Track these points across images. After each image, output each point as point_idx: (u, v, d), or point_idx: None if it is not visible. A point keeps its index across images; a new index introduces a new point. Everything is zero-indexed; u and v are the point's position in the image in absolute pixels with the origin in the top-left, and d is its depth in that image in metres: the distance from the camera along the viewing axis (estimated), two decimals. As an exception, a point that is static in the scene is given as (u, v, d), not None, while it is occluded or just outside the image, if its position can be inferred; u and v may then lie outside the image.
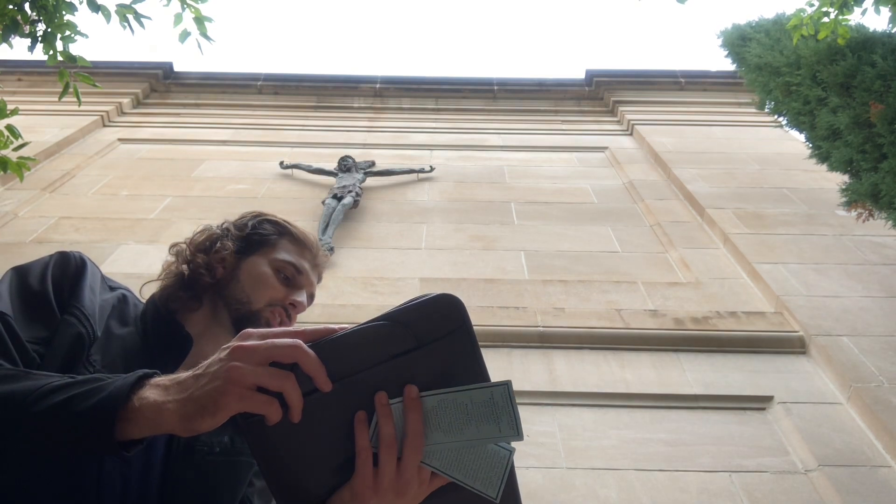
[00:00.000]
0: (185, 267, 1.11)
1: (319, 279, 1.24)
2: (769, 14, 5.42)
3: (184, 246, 1.15)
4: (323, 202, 4.58)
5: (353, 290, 3.66)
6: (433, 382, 0.75)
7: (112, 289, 1.06)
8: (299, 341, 0.70)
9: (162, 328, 1.02)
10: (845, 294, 3.47)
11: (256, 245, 1.15)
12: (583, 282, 3.77)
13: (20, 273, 0.96)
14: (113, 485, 0.87)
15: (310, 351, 0.70)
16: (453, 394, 0.74)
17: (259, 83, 7.08)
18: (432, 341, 0.74)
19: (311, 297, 1.18)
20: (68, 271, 0.98)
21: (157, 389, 0.71)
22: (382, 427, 0.74)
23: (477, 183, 5.24)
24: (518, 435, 0.74)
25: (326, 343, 0.72)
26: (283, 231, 1.19)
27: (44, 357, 0.87)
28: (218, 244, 1.14)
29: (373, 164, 5.38)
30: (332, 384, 0.70)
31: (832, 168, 4.01)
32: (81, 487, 0.84)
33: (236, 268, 1.12)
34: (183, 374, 0.72)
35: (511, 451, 0.75)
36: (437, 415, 0.75)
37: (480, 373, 0.77)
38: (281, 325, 1.09)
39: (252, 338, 0.71)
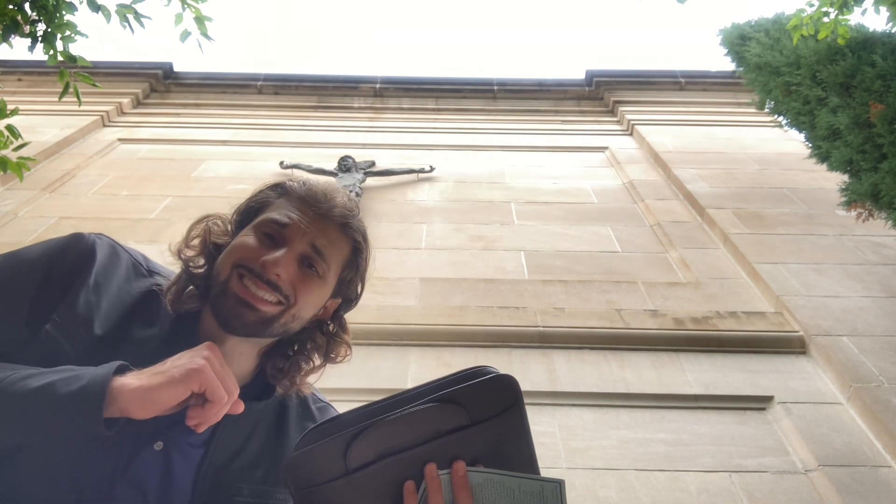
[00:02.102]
0: (179, 261, 0.98)
1: (347, 235, 0.97)
2: (769, 14, 5.41)
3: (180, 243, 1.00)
4: (323, 202, 4.57)
5: (353, 290, 3.65)
6: (482, 455, 0.77)
7: (151, 273, 0.95)
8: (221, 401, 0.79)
9: (181, 333, 0.91)
10: (845, 294, 3.47)
11: (252, 215, 0.97)
12: (583, 282, 3.77)
13: (8, 260, 0.87)
14: None
15: (222, 408, 0.79)
16: (501, 476, 0.76)
17: (259, 83, 7.08)
18: (485, 419, 0.76)
19: (314, 250, 0.92)
20: (67, 265, 0.86)
21: (125, 378, 0.76)
22: (432, 499, 0.74)
23: (477, 183, 5.24)
24: None
25: (385, 423, 0.74)
26: (282, 190, 0.98)
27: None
28: (213, 226, 0.98)
29: (373, 164, 5.38)
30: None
31: (832, 168, 4.01)
32: None
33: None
34: (145, 370, 0.78)
35: None
36: (483, 491, 0.76)
37: (528, 448, 0.79)
38: (254, 296, 0.88)
39: (215, 351, 0.81)
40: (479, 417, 0.75)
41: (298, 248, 0.91)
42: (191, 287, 0.94)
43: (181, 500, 0.86)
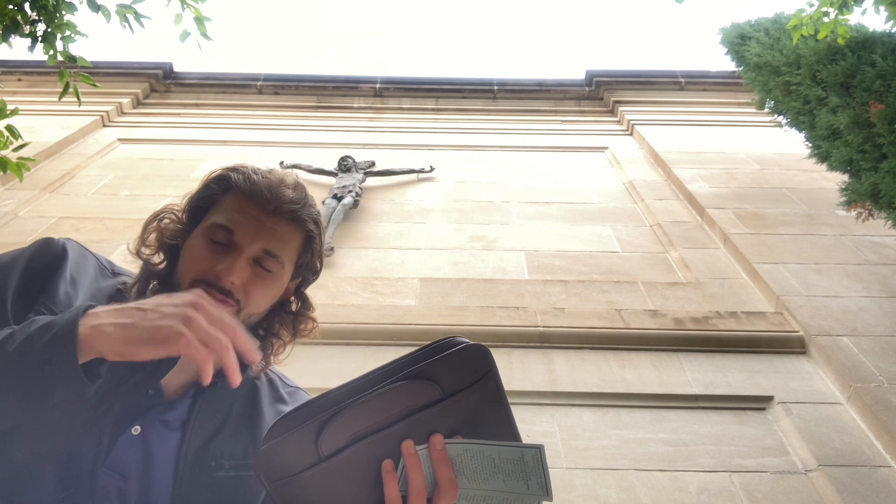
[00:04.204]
0: (139, 259, 0.99)
1: (297, 226, 0.96)
2: (769, 13, 5.41)
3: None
4: (323, 202, 4.58)
5: (353, 290, 3.66)
6: (460, 427, 0.76)
7: (115, 274, 0.98)
8: (236, 325, 0.74)
9: None
10: (845, 294, 3.47)
11: (201, 213, 0.99)
12: (583, 282, 3.77)
13: None
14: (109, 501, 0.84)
15: (244, 335, 0.74)
16: (480, 446, 0.75)
17: (259, 83, 7.08)
18: (458, 391, 0.75)
19: (267, 253, 0.93)
20: (44, 261, 0.90)
21: (94, 317, 0.71)
22: (412, 476, 0.74)
23: (477, 183, 5.25)
24: (547, 495, 0.74)
25: (353, 405, 0.73)
26: (227, 185, 0.97)
27: None
28: (167, 223, 1.00)
29: (373, 164, 5.38)
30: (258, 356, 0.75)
31: (832, 168, 4.01)
32: None
33: (184, 246, 0.96)
34: (122, 305, 0.73)
35: (544, 499, 0.75)
36: (462, 462, 0.75)
37: (506, 415, 0.78)
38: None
39: (206, 300, 0.74)
40: (451, 390, 0.74)
41: (249, 252, 0.92)
42: (153, 283, 0.97)
43: (163, 481, 0.88)
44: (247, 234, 0.92)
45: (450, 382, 0.74)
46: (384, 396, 0.73)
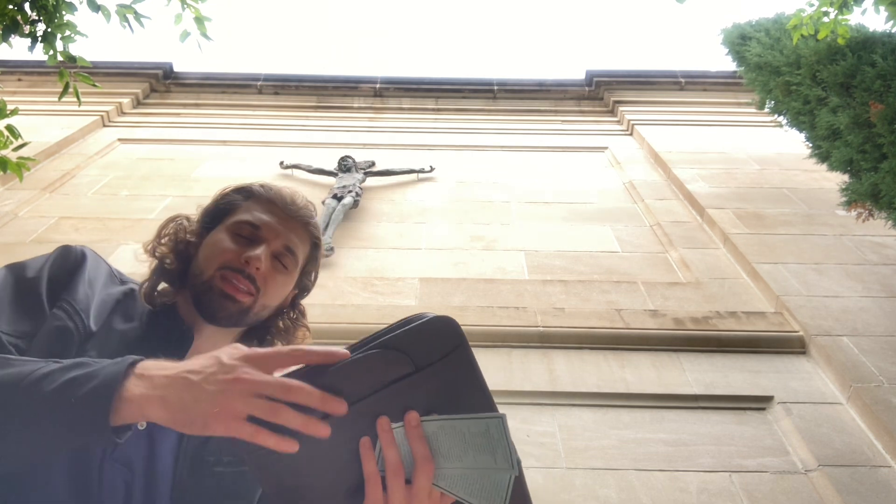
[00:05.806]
0: (153, 258, 1.07)
1: (309, 233, 1.10)
2: (769, 14, 5.42)
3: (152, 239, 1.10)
4: (323, 202, 4.58)
5: (353, 290, 3.66)
6: (435, 403, 0.75)
7: (123, 282, 1.05)
8: (298, 384, 0.68)
9: (162, 323, 1.00)
10: (845, 294, 3.47)
11: (221, 216, 1.08)
12: (583, 282, 3.77)
13: (14, 269, 0.96)
14: (115, 497, 0.85)
15: (308, 388, 0.67)
16: (451, 421, 0.74)
17: (259, 83, 7.09)
18: (430, 364, 0.74)
19: (287, 249, 1.05)
20: (66, 265, 0.97)
21: (145, 380, 0.70)
22: (387, 453, 0.73)
23: (477, 183, 5.25)
24: (512, 469, 0.73)
25: (326, 374, 0.72)
26: (248, 194, 1.10)
27: (24, 352, 0.85)
28: (182, 225, 1.09)
29: (373, 164, 5.38)
30: (345, 405, 0.69)
31: (832, 168, 4.01)
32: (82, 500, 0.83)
33: (200, 246, 1.06)
34: (172, 369, 0.70)
35: (511, 474, 0.74)
36: (438, 440, 0.75)
37: (481, 390, 0.77)
38: (237, 288, 0.99)
39: (251, 363, 0.69)
40: (423, 363, 0.74)
41: (273, 246, 1.04)
42: (162, 283, 1.05)
43: (166, 474, 0.90)
44: (271, 231, 1.04)
45: (421, 355, 0.74)
46: (353, 365, 0.72)
